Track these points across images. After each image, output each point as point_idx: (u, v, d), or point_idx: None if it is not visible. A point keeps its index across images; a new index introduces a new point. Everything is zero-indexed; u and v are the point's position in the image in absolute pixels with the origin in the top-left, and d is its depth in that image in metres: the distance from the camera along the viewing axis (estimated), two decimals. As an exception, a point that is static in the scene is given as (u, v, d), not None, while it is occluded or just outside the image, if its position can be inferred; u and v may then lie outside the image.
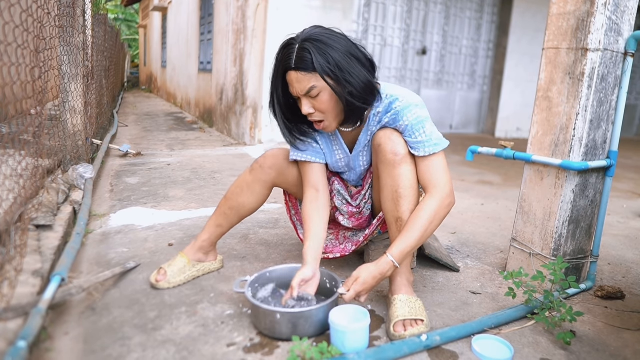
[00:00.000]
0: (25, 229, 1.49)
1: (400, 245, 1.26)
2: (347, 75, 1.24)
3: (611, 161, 1.55)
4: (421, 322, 1.25)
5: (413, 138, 1.33)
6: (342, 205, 1.58)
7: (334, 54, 1.22)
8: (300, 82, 1.25)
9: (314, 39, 1.23)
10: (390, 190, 1.34)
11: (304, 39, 1.24)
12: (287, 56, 1.25)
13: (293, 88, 1.28)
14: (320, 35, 1.24)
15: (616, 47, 1.48)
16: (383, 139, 1.34)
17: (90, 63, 3.32)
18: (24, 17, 1.64)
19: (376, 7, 5.61)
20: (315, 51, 1.22)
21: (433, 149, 1.34)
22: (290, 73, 1.26)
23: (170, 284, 1.45)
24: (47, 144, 2.41)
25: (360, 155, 1.49)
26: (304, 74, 1.24)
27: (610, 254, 2.01)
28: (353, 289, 1.23)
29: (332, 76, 1.23)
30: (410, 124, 1.33)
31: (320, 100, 1.27)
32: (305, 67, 1.23)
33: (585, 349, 1.25)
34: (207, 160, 3.65)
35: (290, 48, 1.25)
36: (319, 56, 1.22)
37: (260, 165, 1.52)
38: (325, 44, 1.23)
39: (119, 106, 7.47)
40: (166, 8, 9.87)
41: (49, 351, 1.10)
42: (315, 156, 1.47)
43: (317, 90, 1.25)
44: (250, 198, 1.53)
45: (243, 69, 4.64)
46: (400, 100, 1.34)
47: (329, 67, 1.22)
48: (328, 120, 1.33)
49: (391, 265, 1.25)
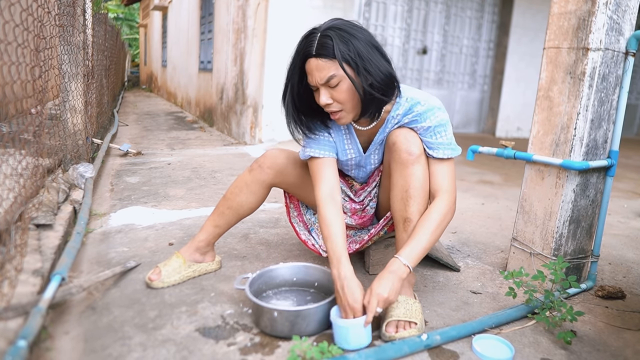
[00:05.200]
0: (26, 228, 1.49)
1: (414, 249, 1.24)
2: (367, 64, 1.22)
3: (612, 161, 1.55)
4: (414, 325, 1.23)
5: (434, 139, 1.33)
6: (345, 202, 1.58)
7: (356, 43, 1.22)
8: (321, 70, 1.23)
9: (337, 27, 1.23)
10: (401, 189, 1.33)
11: (326, 27, 1.23)
12: (309, 44, 1.24)
13: (312, 77, 1.26)
14: (343, 24, 1.24)
15: (617, 47, 1.48)
16: (399, 138, 1.33)
17: (90, 62, 3.31)
18: (24, 16, 1.64)
19: (377, 6, 5.60)
20: (338, 38, 1.21)
21: (451, 152, 1.34)
22: (310, 61, 1.25)
23: (164, 283, 1.44)
24: (47, 143, 2.41)
25: (373, 154, 1.47)
26: (324, 60, 1.22)
27: (610, 254, 2.01)
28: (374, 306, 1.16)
29: (352, 64, 1.22)
30: (433, 126, 1.33)
31: (339, 90, 1.25)
32: (327, 54, 1.21)
33: (586, 348, 1.25)
34: (208, 160, 3.64)
35: (312, 36, 1.24)
36: (341, 43, 1.21)
37: (259, 165, 1.51)
38: (347, 32, 1.22)
39: (119, 105, 7.46)
40: (166, 7, 9.86)
41: (49, 350, 1.10)
42: (329, 150, 1.43)
43: (337, 80, 1.23)
44: (249, 198, 1.53)
45: (243, 68, 4.64)
46: (422, 103, 1.34)
47: (349, 55, 1.21)
48: (345, 111, 1.30)
49: (405, 269, 1.22)
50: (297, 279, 1.45)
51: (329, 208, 1.33)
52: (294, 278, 1.45)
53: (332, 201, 1.34)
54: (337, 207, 1.34)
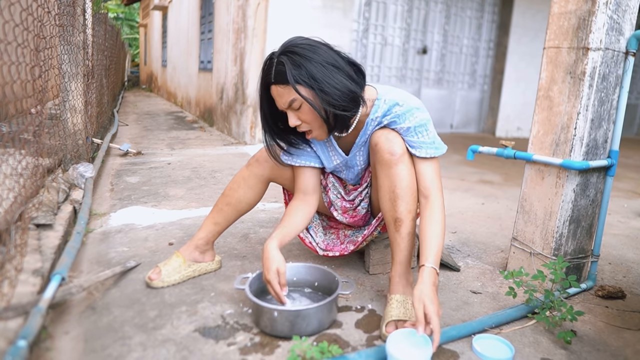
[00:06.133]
0: (26, 228, 1.49)
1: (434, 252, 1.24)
2: (323, 85, 1.23)
3: (612, 160, 1.55)
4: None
5: (415, 138, 1.33)
6: (337, 199, 1.58)
7: (309, 65, 1.22)
8: (282, 96, 1.27)
9: (290, 51, 1.24)
10: (388, 190, 1.34)
11: (280, 53, 1.25)
12: (268, 71, 1.27)
13: (277, 102, 1.30)
14: (296, 46, 1.24)
15: (617, 46, 1.48)
16: (380, 139, 1.34)
17: (90, 62, 3.31)
18: (23, 15, 1.64)
19: (377, 6, 5.60)
20: (290, 63, 1.22)
21: (434, 152, 1.34)
22: (272, 88, 1.28)
23: (163, 282, 1.45)
24: (47, 143, 2.41)
25: (357, 155, 1.48)
26: (282, 87, 1.25)
27: (610, 254, 2.01)
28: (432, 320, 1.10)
29: (307, 87, 1.23)
30: (413, 127, 1.33)
31: (303, 112, 1.28)
32: (283, 80, 1.24)
33: (586, 348, 1.25)
34: (208, 160, 3.64)
35: (270, 63, 1.27)
36: (293, 68, 1.22)
37: (256, 159, 1.53)
38: (300, 55, 1.23)
39: (119, 105, 7.46)
40: (166, 7, 9.86)
41: (49, 350, 1.10)
42: (308, 160, 1.47)
43: (298, 103, 1.26)
44: (247, 193, 1.53)
45: (243, 68, 4.64)
46: (400, 104, 1.34)
47: (302, 79, 1.22)
48: (316, 130, 1.34)
49: (434, 273, 1.21)
50: (297, 278, 1.46)
51: (298, 202, 1.46)
52: (294, 278, 1.45)
53: (302, 199, 1.47)
54: (303, 202, 1.46)
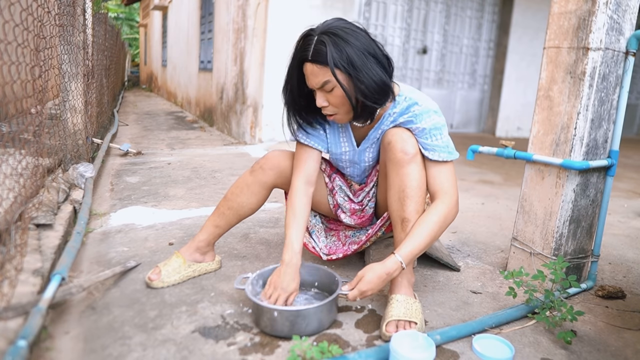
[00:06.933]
0: (26, 228, 1.49)
1: (409, 246, 1.24)
2: (360, 73, 1.22)
3: (612, 160, 1.55)
4: (414, 325, 1.23)
5: (429, 141, 1.33)
6: (345, 202, 1.58)
7: (350, 50, 1.21)
8: (316, 76, 1.24)
9: (332, 32, 1.22)
10: (397, 189, 1.33)
11: (322, 32, 1.23)
12: (305, 47, 1.24)
13: (309, 80, 1.28)
14: (340, 29, 1.22)
15: (617, 46, 1.48)
16: (394, 137, 1.33)
17: (90, 62, 3.31)
18: (23, 15, 1.64)
19: (377, 6, 5.60)
20: (332, 45, 1.20)
21: (447, 156, 1.34)
22: (306, 65, 1.26)
23: (163, 283, 1.44)
24: (47, 143, 2.41)
25: (367, 151, 1.48)
26: (319, 67, 1.23)
27: (611, 254, 2.01)
28: (357, 288, 1.21)
29: (345, 73, 1.22)
30: (428, 128, 1.33)
31: (334, 95, 1.26)
32: (321, 60, 1.22)
33: (586, 348, 1.25)
34: (208, 159, 3.64)
35: (309, 39, 1.24)
36: (335, 51, 1.20)
37: (260, 167, 1.51)
38: (342, 38, 1.21)
39: (119, 105, 7.46)
40: (166, 7, 9.86)
41: (49, 350, 1.10)
42: (318, 143, 1.46)
43: (331, 86, 1.25)
44: (250, 199, 1.53)
45: (243, 68, 4.64)
46: (419, 104, 1.34)
47: (342, 63, 1.21)
48: (340, 114, 1.33)
49: (398, 265, 1.23)
50: None
51: (300, 198, 1.40)
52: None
53: (305, 192, 1.41)
54: (308, 198, 1.42)
